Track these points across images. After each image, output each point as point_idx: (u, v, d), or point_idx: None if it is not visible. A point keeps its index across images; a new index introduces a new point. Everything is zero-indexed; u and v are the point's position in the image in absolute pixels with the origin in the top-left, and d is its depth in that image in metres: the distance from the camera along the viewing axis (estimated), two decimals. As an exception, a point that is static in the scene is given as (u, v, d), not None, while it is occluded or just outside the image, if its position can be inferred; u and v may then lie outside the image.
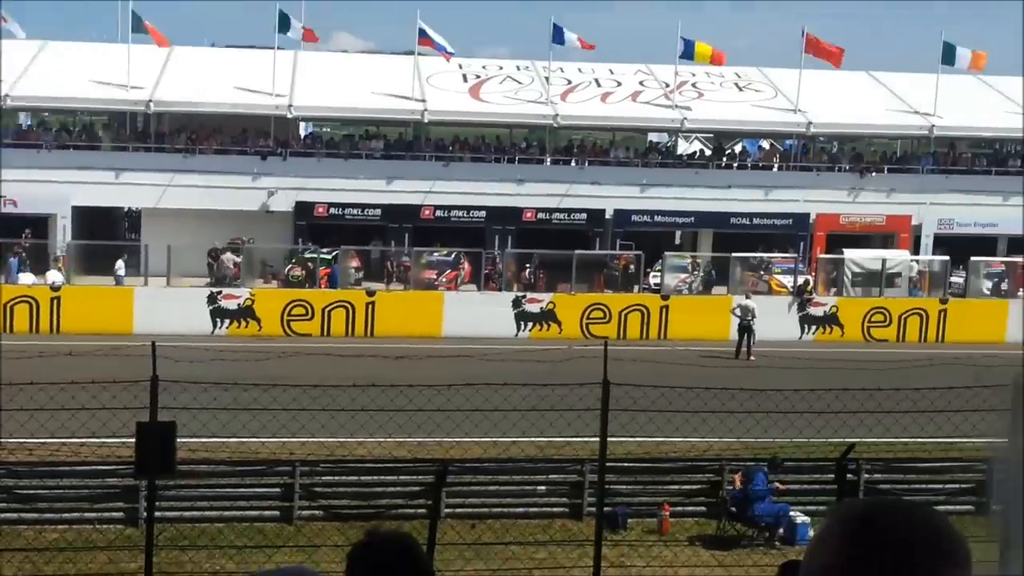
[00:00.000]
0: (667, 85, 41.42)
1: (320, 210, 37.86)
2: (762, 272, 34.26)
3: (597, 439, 12.60)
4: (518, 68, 43.69)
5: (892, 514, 1.52)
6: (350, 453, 16.42)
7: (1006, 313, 32.38)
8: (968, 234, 37.97)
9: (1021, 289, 33.48)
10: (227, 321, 29.99)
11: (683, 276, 33.90)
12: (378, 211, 38.04)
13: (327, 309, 30.40)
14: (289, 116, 39.30)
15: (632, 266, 33.37)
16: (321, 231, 36.64)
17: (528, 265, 34.11)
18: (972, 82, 42.43)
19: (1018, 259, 34.88)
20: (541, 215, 38.29)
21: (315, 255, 33.42)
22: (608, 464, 14.81)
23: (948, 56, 40.32)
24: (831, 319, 32.05)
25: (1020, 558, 1.51)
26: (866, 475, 16.65)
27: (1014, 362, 13.50)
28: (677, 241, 40.00)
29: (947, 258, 34.30)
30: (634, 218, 38.22)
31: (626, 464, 16.46)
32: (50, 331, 28.62)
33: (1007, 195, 38.75)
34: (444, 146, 41.38)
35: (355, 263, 34.32)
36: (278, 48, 39.94)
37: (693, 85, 42.55)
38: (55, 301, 29.19)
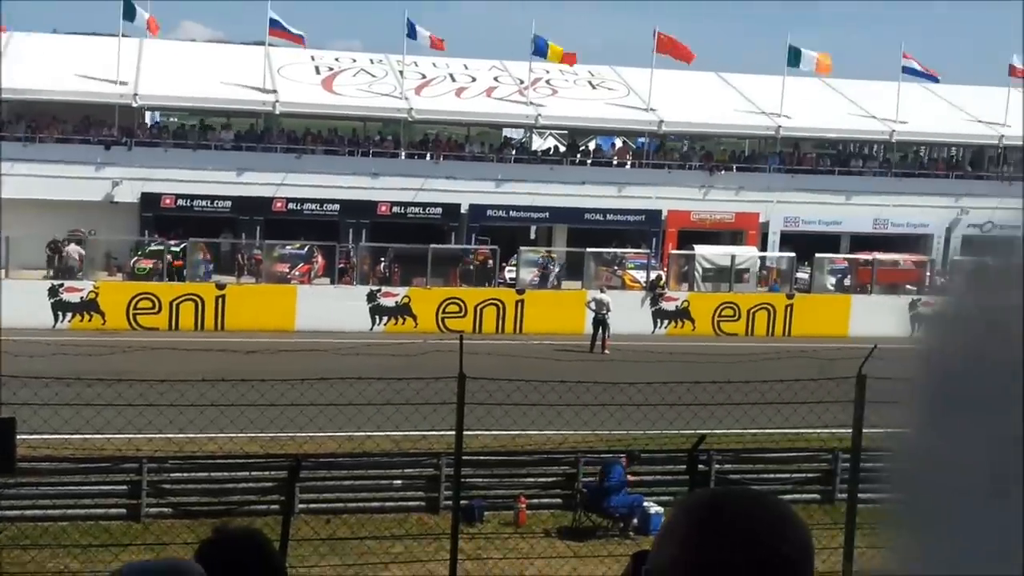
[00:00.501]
0: (521, 82, 41.54)
1: (167, 201, 36.80)
2: (616, 267, 34.65)
3: (453, 433, 12.50)
4: (372, 61, 43.29)
5: (738, 502, 1.51)
6: (200, 449, 15.98)
7: (849, 308, 33.41)
8: (813, 232, 39.04)
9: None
10: (69, 315, 28.99)
11: (537, 270, 34.06)
12: (228, 203, 37.19)
13: (175, 303, 29.62)
14: (134, 105, 38.12)
15: (489, 261, 33.37)
16: (168, 223, 35.68)
17: (383, 259, 33.80)
18: (817, 84, 43.66)
19: (860, 256, 36.04)
20: (396, 209, 37.99)
21: (162, 247, 32.52)
22: (464, 457, 14.71)
23: (794, 59, 41.37)
24: (683, 313, 32.59)
25: (928, 554, 1.40)
26: (717, 465, 16.92)
27: (857, 355, 13.85)
28: (532, 236, 40.15)
29: (793, 255, 35.22)
30: (489, 213, 38.22)
31: (482, 457, 16.38)
32: None
33: (850, 194, 40.03)
34: (296, 138, 40.71)
35: (205, 255, 33.48)
36: (123, 36, 38.72)
37: (547, 82, 42.78)
38: None
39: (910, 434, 1.46)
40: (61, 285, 29.47)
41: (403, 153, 40.62)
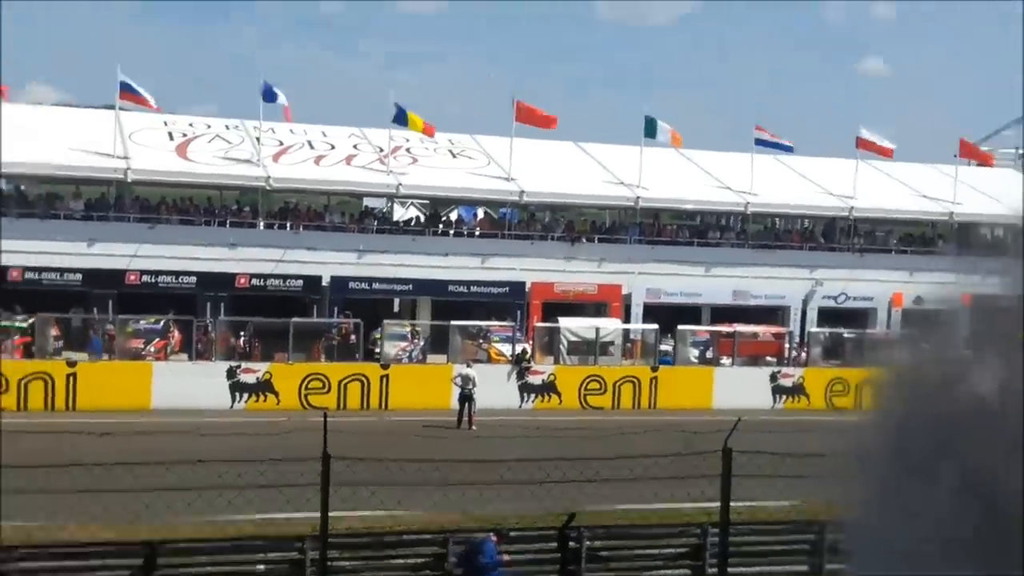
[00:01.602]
0: (381, 149, 41.34)
1: (14, 274, 35.30)
2: (481, 341, 34.43)
3: (318, 515, 12.06)
4: (227, 127, 42.55)
5: None
6: (51, 537, 15.11)
7: (712, 380, 33.77)
8: (674, 303, 39.51)
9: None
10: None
11: (403, 344, 33.61)
12: (79, 275, 35.87)
13: (23, 382, 28.27)
14: (-24, 174, 36.64)
15: (352, 335, 32.82)
16: (15, 297, 34.19)
17: (243, 333, 32.93)
18: (674, 155, 44.49)
19: (722, 327, 36.54)
20: (255, 281, 37.15)
21: (9, 323, 31.10)
22: (330, 540, 14.25)
23: (650, 129, 42.10)
24: (550, 387, 32.50)
25: None
26: (588, 543, 16.71)
27: (722, 427, 13.90)
28: (396, 309, 39.72)
29: (656, 327, 35.52)
30: (352, 285, 37.70)
31: (349, 539, 15.87)
32: None
33: (709, 265, 40.70)
34: (150, 207, 39.63)
35: (54, 331, 32.11)
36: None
37: (407, 151, 42.67)
38: None
39: (868, 506, 1.39)
40: None
41: (261, 223, 39.81)
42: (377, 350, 32.73)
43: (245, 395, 29.90)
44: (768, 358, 35.68)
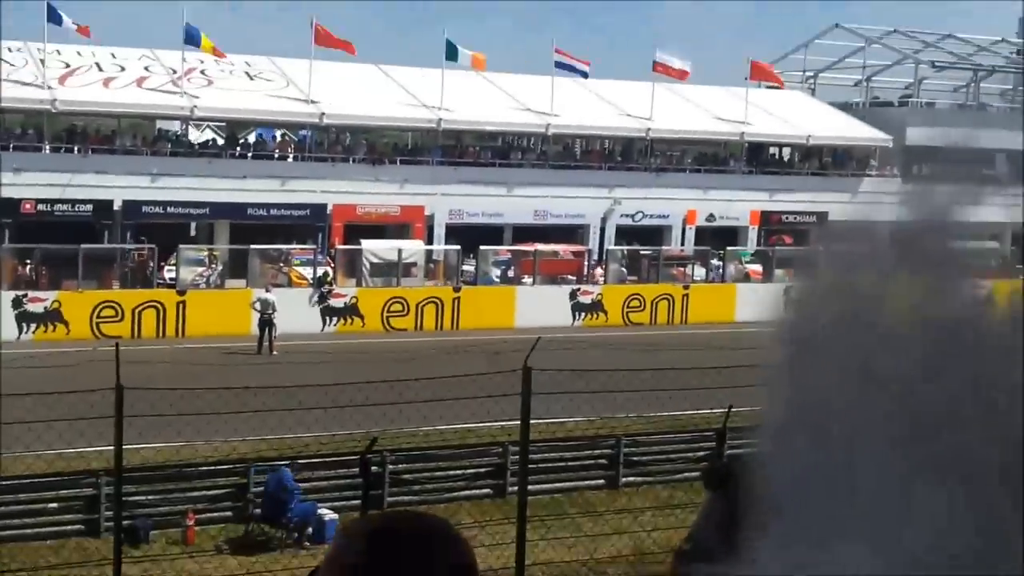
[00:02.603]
0: (174, 72, 39.87)
1: None
2: (282, 264, 33.91)
3: (112, 448, 11.74)
4: (10, 49, 40.21)
5: (405, 525, 1.58)
6: None
7: (514, 299, 34.23)
8: (477, 223, 39.71)
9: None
10: None
11: (201, 270, 32.84)
12: None
13: None
14: None
15: (148, 261, 31.86)
16: None
17: (29, 261, 31.55)
18: (475, 78, 44.38)
19: (523, 247, 36.98)
20: (42, 207, 35.48)
21: None
22: (125, 474, 13.91)
23: (451, 54, 41.90)
24: (352, 310, 32.35)
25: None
26: (391, 466, 16.82)
27: (523, 347, 14.09)
28: (193, 233, 38.62)
29: (458, 247, 35.68)
30: (145, 209, 36.42)
31: (145, 473, 15.55)
32: None
33: (511, 186, 40.97)
34: (-72, 132, 37.34)
35: None
36: None
37: (202, 72, 41.26)
38: None
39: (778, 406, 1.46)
40: None
41: (47, 147, 38.01)
42: (173, 276, 31.90)
43: (33, 325, 28.77)
44: (568, 276, 36.34)
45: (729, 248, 39.58)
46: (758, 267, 39.03)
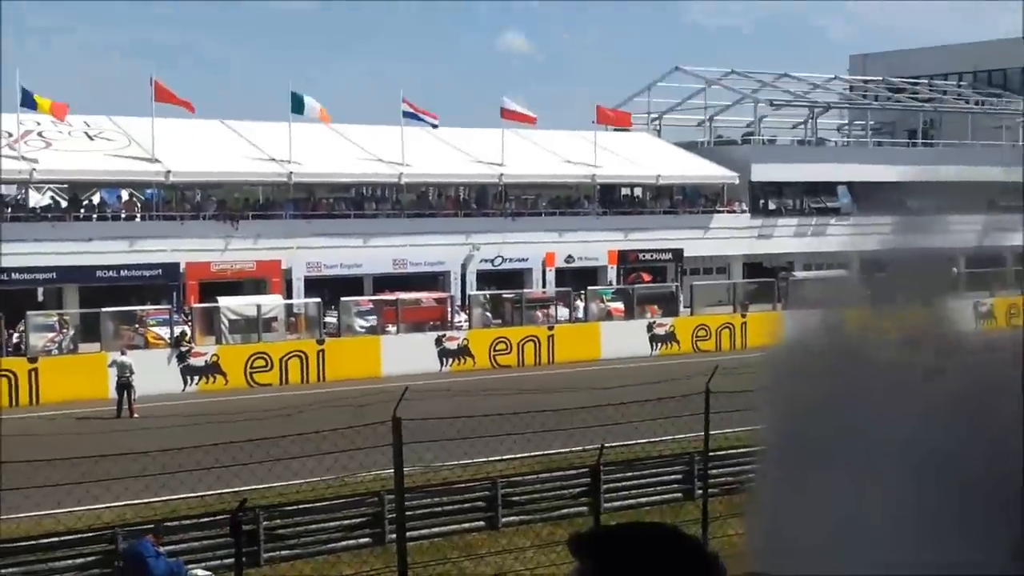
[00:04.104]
0: (11, 135, 38.62)
1: None
2: (137, 325, 32.93)
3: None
4: None
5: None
6: None
7: (379, 348, 33.94)
8: (336, 275, 39.30)
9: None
10: None
11: (51, 335, 31.68)
12: None
13: None
14: None
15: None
16: None
17: None
18: (324, 130, 44.07)
19: (384, 296, 36.70)
20: None
21: None
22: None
23: (298, 106, 41.53)
24: (213, 368, 31.62)
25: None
26: (265, 522, 16.42)
27: (391, 397, 13.99)
28: (40, 298, 37.28)
29: (318, 300, 35.21)
30: (-15, 278, 35.05)
31: (5, 546, 14.84)
32: None
33: (367, 236, 40.67)
34: None
35: None
36: None
37: (40, 135, 40.02)
38: None
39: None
40: None
41: None
42: (21, 343, 30.75)
43: None
44: (432, 323, 36.19)
45: (590, 288, 40.00)
46: (620, 305, 39.51)
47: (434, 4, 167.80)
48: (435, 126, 44.76)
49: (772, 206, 49.65)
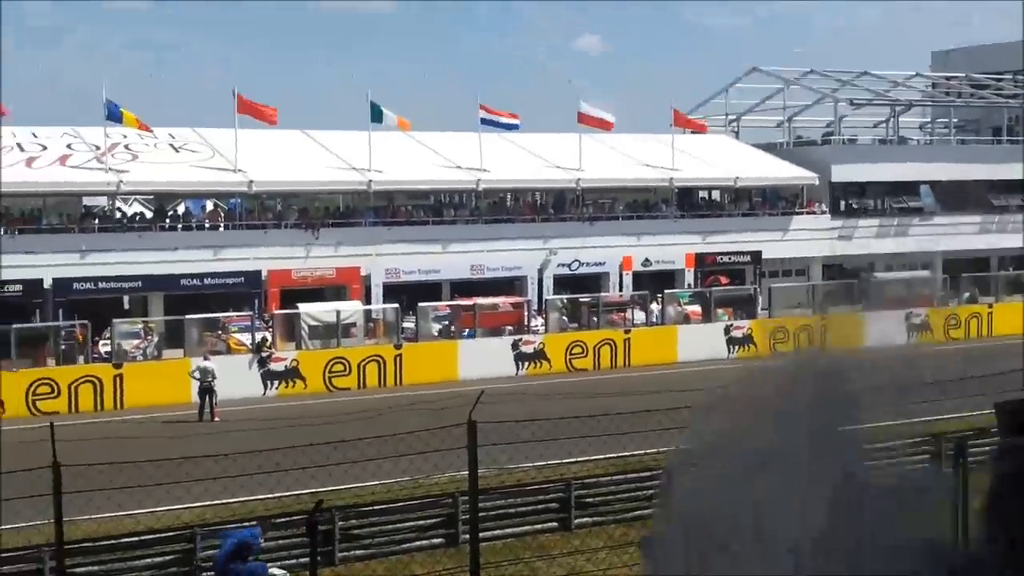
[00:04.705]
0: (97, 148, 39.57)
1: None
2: (219, 332, 33.57)
3: (51, 523, 11.50)
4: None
5: None
6: None
7: (456, 353, 34.14)
8: (414, 281, 39.66)
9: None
10: None
11: (136, 342, 32.41)
12: None
13: None
14: None
15: (82, 336, 31.42)
16: None
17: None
18: (402, 137, 44.54)
19: (462, 301, 36.90)
20: (-30, 290, 34.90)
21: None
22: (67, 547, 13.62)
23: (376, 115, 42.02)
24: (293, 373, 32.09)
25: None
26: (341, 523, 16.65)
27: (466, 401, 14.07)
28: (126, 307, 38.15)
29: (397, 305, 35.56)
30: (76, 286, 35.95)
31: (87, 545, 15.24)
32: None
33: (446, 243, 41.03)
34: None
35: None
36: None
37: (126, 147, 40.98)
38: None
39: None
40: None
41: (-27, 231, 37.34)
42: (108, 350, 31.50)
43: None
44: (508, 328, 36.33)
45: (667, 291, 39.85)
46: (697, 308, 39.30)
47: (509, 5, 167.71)
48: (515, 127, 44.90)
49: (853, 207, 49.05)
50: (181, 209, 46.40)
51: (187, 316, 32.68)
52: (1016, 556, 1.68)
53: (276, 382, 31.88)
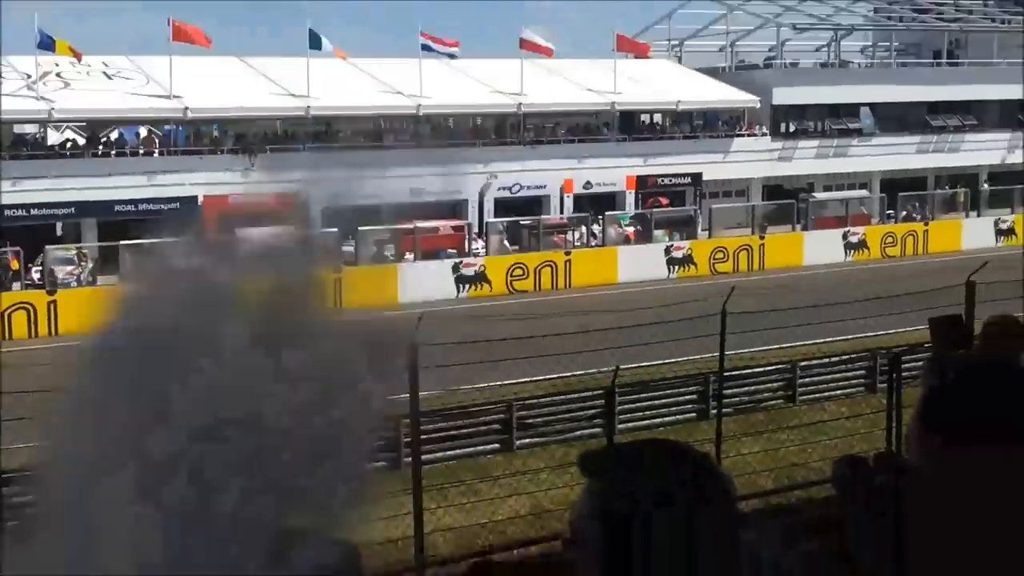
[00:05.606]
0: (29, 76, 38.66)
1: None
2: (155, 258, 33.07)
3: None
4: None
5: None
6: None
7: (396, 276, 33.92)
8: (353, 206, 39.21)
9: None
10: None
11: (70, 269, 31.88)
12: None
13: None
14: None
15: (16, 264, 30.87)
16: None
17: None
18: (340, 64, 43.89)
19: (404, 225, 36.59)
20: (-101, 216, 34.05)
21: None
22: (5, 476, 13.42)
23: (315, 42, 41.49)
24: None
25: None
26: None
27: (409, 322, 13.83)
28: (59, 233, 37.48)
29: (335, 229, 34.95)
30: (8, 212, 35.21)
31: (28, 474, 14.97)
32: None
33: (387, 167, 40.46)
34: None
35: None
36: None
37: (58, 75, 40.07)
38: None
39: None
40: None
41: (-101, 157, 36.43)
42: (41, 277, 30.99)
43: None
44: (450, 251, 36.18)
45: (608, 212, 39.80)
46: (638, 228, 39.37)
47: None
48: (454, 56, 44.40)
49: (794, 129, 49.16)
50: (115, 136, 45.44)
51: (121, 242, 32.13)
52: (947, 464, 1.65)
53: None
